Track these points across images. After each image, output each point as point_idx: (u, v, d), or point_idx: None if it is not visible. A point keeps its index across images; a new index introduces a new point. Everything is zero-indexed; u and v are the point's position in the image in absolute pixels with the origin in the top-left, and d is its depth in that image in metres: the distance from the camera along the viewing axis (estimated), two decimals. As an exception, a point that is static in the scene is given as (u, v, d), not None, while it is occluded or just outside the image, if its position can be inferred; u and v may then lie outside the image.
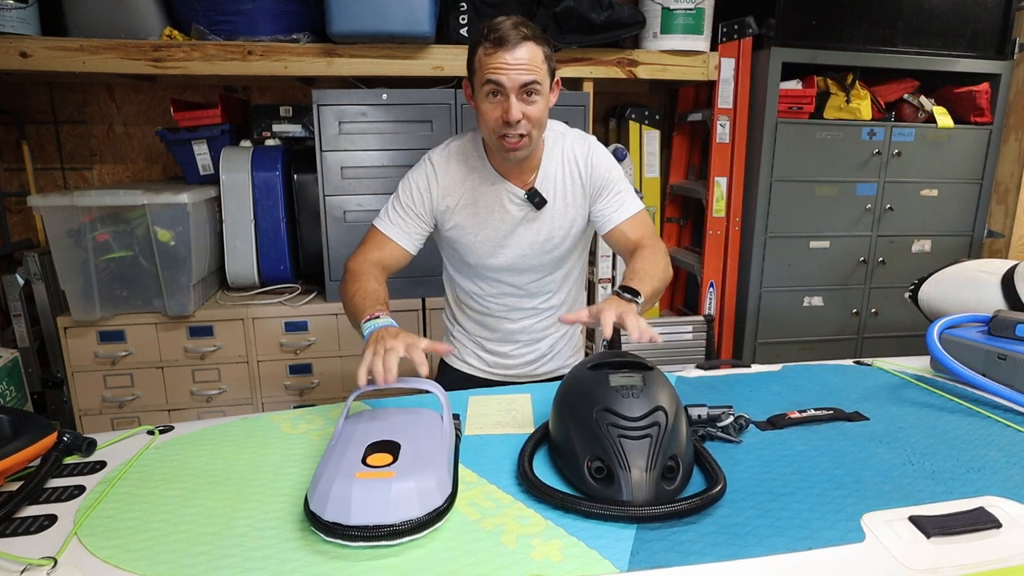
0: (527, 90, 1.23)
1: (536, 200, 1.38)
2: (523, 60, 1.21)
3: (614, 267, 2.67)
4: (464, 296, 1.52)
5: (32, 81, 2.52)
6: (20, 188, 2.60)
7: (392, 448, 0.89)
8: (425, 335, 2.32)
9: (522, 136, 1.26)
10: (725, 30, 2.50)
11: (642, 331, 1.04)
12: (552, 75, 1.29)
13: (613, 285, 2.67)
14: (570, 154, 1.42)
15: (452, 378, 1.59)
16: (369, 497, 0.79)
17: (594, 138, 1.48)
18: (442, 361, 1.64)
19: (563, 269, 1.51)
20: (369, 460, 0.86)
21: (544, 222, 1.41)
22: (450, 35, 2.24)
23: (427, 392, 1.06)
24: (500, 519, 0.86)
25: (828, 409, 1.17)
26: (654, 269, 1.27)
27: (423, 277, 2.22)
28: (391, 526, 0.78)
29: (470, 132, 1.43)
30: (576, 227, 1.44)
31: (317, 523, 0.80)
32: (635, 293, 1.16)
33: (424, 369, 1.04)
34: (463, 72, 2.22)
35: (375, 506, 0.79)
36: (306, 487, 0.90)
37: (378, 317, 1.14)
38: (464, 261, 1.45)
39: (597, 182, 1.41)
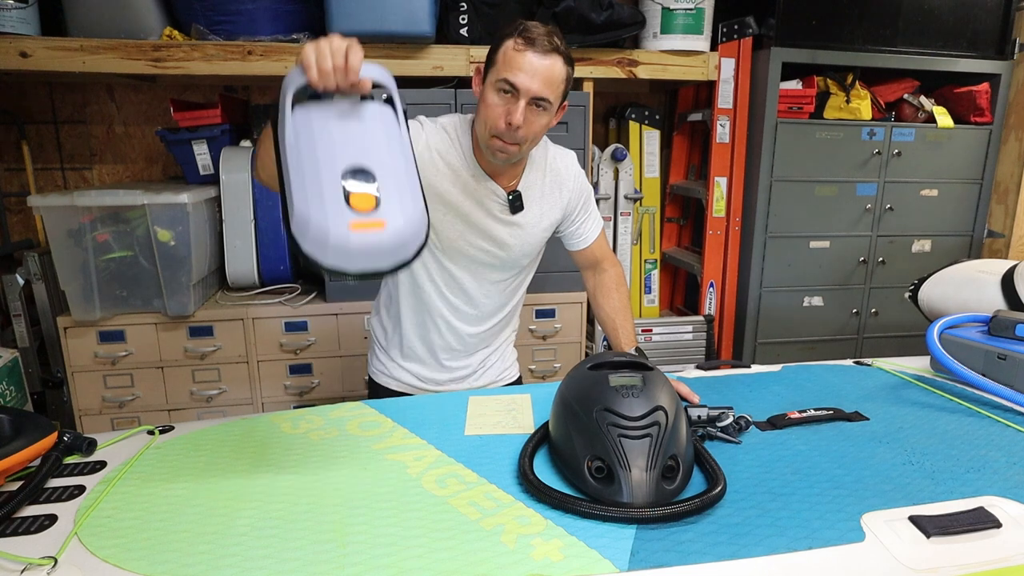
0: (537, 102, 1.22)
1: (516, 204, 1.37)
2: (546, 70, 1.20)
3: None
4: (406, 290, 1.45)
5: (32, 81, 2.51)
6: (20, 188, 2.60)
7: (369, 180, 0.88)
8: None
9: (515, 143, 1.25)
10: (725, 30, 2.50)
11: (691, 394, 1.24)
12: (563, 97, 1.28)
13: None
14: (553, 167, 1.42)
15: (381, 395, 1.52)
16: (365, 249, 0.86)
17: (574, 154, 1.48)
18: (370, 378, 1.59)
19: (515, 282, 1.49)
20: (353, 201, 0.86)
21: (515, 227, 1.39)
22: (450, 35, 2.24)
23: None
24: (500, 519, 0.86)
25: (828, 409, 1.18)
26: (630, 316, 1.48)
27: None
28: (386, 271, 0.88)
29: (457, 116, 1.38)
30: (542, 238, 1.45)
31: (317, 266, 0.85)
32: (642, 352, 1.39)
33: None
34: (463, 72, 2.25)
35: (372, 257, 0.86)
36: (306, 487, 0.89)
37: None
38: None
39: (577, 201, 1.46)
